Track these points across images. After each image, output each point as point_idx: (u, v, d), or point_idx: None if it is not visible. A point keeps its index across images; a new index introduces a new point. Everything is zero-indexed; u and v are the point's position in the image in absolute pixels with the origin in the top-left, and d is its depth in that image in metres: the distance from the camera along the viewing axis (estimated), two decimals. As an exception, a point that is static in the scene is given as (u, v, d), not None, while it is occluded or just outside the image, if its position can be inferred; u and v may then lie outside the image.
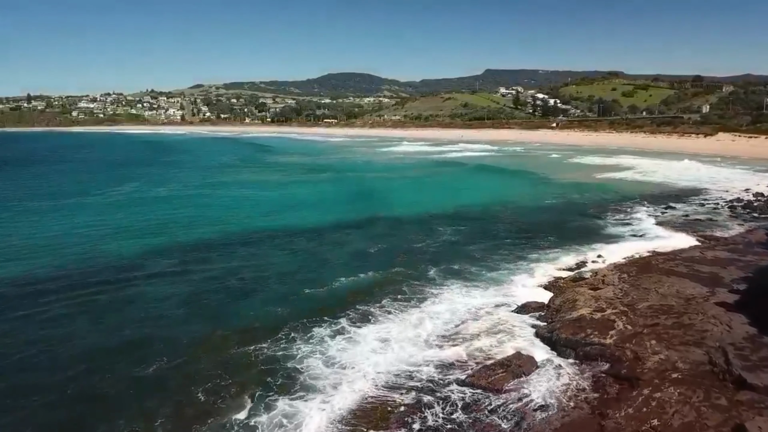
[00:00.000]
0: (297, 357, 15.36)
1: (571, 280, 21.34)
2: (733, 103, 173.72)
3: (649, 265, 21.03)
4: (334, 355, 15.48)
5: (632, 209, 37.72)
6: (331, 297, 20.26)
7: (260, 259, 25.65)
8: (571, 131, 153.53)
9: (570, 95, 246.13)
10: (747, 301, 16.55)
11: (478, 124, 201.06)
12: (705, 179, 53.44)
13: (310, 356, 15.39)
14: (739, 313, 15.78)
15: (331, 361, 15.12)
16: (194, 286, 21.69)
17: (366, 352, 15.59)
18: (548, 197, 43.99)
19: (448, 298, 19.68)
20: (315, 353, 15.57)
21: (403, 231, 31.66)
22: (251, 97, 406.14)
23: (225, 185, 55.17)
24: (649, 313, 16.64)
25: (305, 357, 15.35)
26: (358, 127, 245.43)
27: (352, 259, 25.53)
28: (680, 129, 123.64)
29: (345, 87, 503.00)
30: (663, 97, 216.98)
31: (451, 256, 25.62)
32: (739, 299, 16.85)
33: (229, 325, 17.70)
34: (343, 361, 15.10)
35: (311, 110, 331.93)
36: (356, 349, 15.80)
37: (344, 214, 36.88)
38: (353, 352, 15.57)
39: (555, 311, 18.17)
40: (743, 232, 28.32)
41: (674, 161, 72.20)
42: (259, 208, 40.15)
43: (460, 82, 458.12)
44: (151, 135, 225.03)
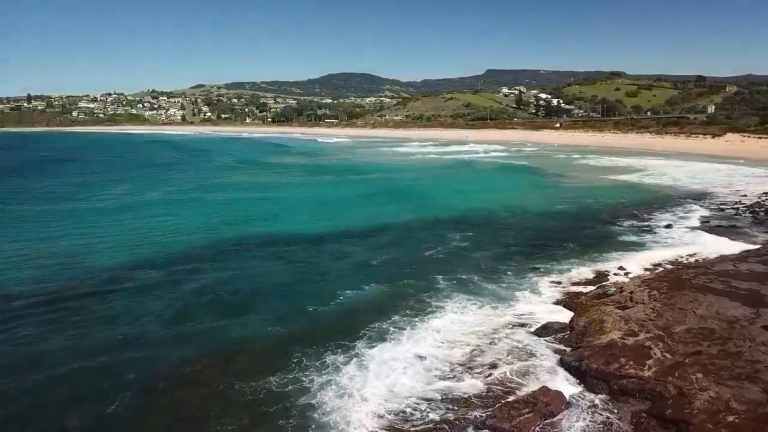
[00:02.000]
0: (310, 390, 13.56)
1: (594, 297, 19.47)
2: (739, 104, 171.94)
3: (681, 281, 19.17)
4: (346, 384, 13.70)
5: (648, 214, 35.89)
6: (336, 314, 18.54)
7: (257, 270, 23.87)
8: (575, 131, 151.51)
9: (573, 95, 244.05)
10: (798, 325, 14.72)
11: (480, 124, 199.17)
12: (719, 181, 51.55)
13: (325, 388, 13.61)
14: (792, 339, 13.96)
15: (343, 392, 13.39)
16: (184, 301, 19.91)
17: (379, 382, 13.82)
18: (559, 201, 42.12)
19: (461, 318, 17.87)
20: (330, 384, 13.75)
21: (410, 238, 29.91)
22: (252, 97, 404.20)
23: (221, 188, 53.20)
24: (689, 338, 14.80)
25: (320, 389, 13.56)
26: (360, 127, 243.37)
27: (357, 270, 23.78)
28: (687, 129, 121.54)
29: (346, 87, 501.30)
30: (667, 98, 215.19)
31: (461, 266, 23.84)
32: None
33: (221, 349, 15.94)
34: (354, 391, 13.38)
35: (312, 110, 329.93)
36: (369, 377, 14.04)
37: (348, 220, 35.04)
38: (365, 382, 13.80)
39: (580, 334, 16.33)
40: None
41: (685, 162, 70.40)
42: (256, 212, 38.29)
43: (462, 82, 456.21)
44: (160, 135, 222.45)
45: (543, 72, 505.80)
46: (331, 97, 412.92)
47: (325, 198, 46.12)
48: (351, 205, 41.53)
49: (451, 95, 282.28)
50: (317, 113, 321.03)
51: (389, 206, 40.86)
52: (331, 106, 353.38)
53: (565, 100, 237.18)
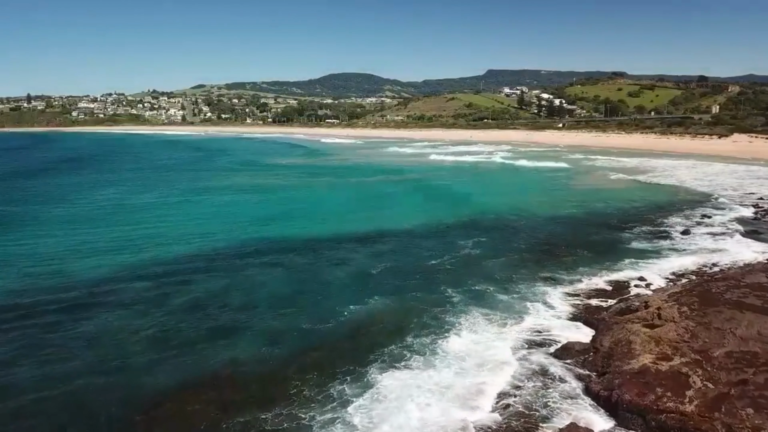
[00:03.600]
0: (311, 429, 11.81)
1: (617, 313, 17.87)
2: (743, 104, 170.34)
3: (711, 295, 17.55)
4: (355, 424, 11.93)
5: (663, 218, 34.29)
6: (340, 333, 16.83)
7: (251, 280, 22.22)
8: (579, 132, 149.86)
9: (575, 95, 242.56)
10: None
11: (482, 124, 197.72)
12: (732, 183, 50.01)
13: (329, 428, 11.86)
14: None
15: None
16: (170, 317, 18.27)
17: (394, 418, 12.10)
18: (568, 204, 40.51)
19: (478, 338, 16.12)
20: (336, 423, 11.99)
21: (415, 245, 28.26)
22: (253, 98, 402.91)
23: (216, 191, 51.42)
24: (731, 364, 13.19)
25: (322, 428, 11.84)
26: (360, 127, 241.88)
27: (361, 280, 22.15)
28: (692, 130, 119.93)
29: (347, 87, 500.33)
30: (670, 98, 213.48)
31: (471, 276, 22.25)
32: (841, 346, 13.42)
33: (208, 375, 14.30)
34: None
35: (313, 110, 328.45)
36: (381, 413, 12.28)
37: (350, 224, 33.42)
38: (378, 419, 12.08)
39: (606, 357, 14.73)
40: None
41: (694, 163, 68.86)
42: (252, 217, 36.50)
43: (462, 82, 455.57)
44: (160, 136, 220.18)
45: (544, 72, 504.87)
46: (331, 97, 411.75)
47: (324, 201, 44.47)
48: (354, 209, 39.91)
49: (453, 95, 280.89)
50: (318, 113, 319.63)
51: (394, 210, 39.36)
52: (331, 106, 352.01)
53: (568, 101, 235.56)
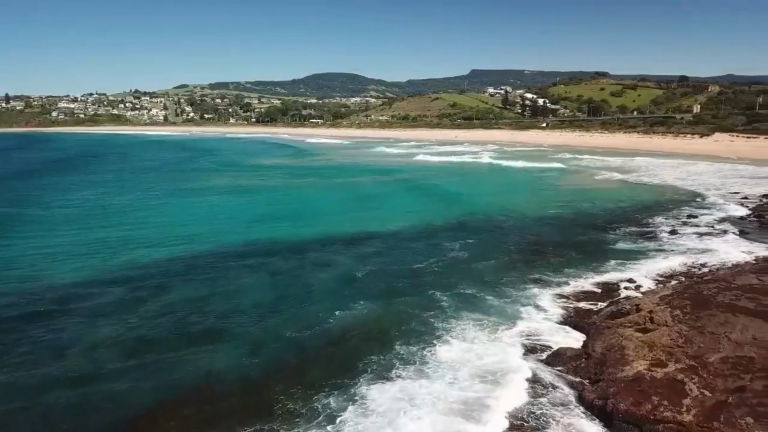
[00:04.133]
0: None
1: (608, 317, 17.48)
2: (723, 103, 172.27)
3: (703, 298, 17.25)
4: None
5: (649, 218, 34.15)
6: (326, 341, 16.20)
7: (233, 286, 21.51)
8: (563, 131, 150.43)
9: (558, 95, 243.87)
10: None
11: (467, 124, 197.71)
12: (716, 182, 50.17)
13: None
14: None
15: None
16: (146, 326, 17.54)
17: None
18: (555, 204, 40.21)
19: (466, 346, 15.56)
20: None
21: (403, 246, 27.73)
22: (236, 98, 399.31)
23: (198, 192, 50.33)
24: (727, 370, 12.85)
25: None
26: (345, 127, 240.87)
27: (347, 284, 21.57)
28: (675, 129, 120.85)
29: (331, 87, 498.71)
30: (652, 98, 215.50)
31: (459, 278, 21.83)
32: (838, 350, 13.14)
33: (186, 388, 13.67)
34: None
35: (297, 110, 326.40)
36: (369, 426, 11.75)
37: (335, 226, 32.81)
38: None
39: (599, 363, 14.33)
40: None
41: (678, 162, 69.19)
42: (233, 219, 35.77)
43: (446, 82, 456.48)
44: (142, 136, 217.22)
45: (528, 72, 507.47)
46: (316, 97, 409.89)
47: (309, 202, 43.75)
48: (339, 210, 39.28)
49: (437, 95, 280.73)
50: (302, 113, 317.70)
51: (380, 211, 38.82)
52: (316, 106, 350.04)
53: (551, 100, 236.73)
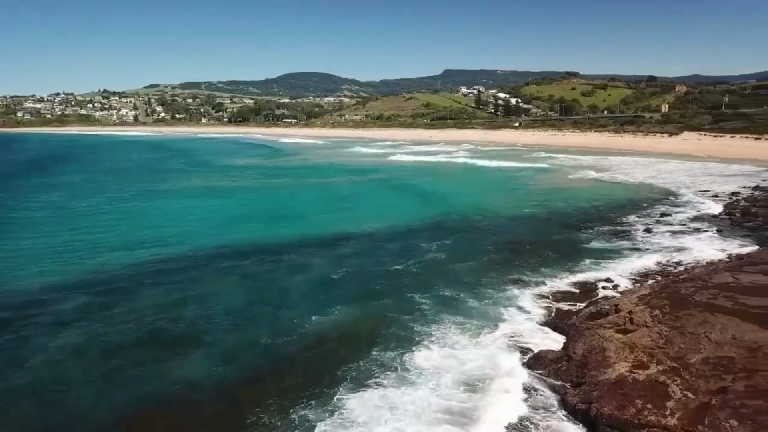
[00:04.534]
0: None
1: (588, 318, 17.36)
2: (691, 103, 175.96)
3: (681, 297, 17.26)
4: None
5: (623, 217, 34.38)
6: (302, 348, 15.70)
7: (204, 290, 20.87)
8: (535, 131, 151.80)
9: (531, 95, 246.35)
10: (828, 352, 12.90)
11: (441, 124, 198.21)
12: (686, 181, 50.94)
13: None
14: (827, 371, 12.09)
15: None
16: (113, 334, 16.84)
17: None
18: (530, 204, 40.30)
19: (447, 352, 15.19)
20: None
21: (379, 248, 27.35)
22: (208, 97, 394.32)
23: (168, 194, 49.14)
24: (709, 371, 12.78)
25: None
26: (319, 127, 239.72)
27: (323, 287, 21.07)
28: (644, 128, 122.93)
29: (304, 87, 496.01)
30: (622, 97, 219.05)
31: (437, 280, 21.53)
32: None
33: (155, 400, 13.10)
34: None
35: (270, 110, 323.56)
36: None
37: (310, 227, 32.33)
38: None
39: (580, 366, 14.16)
40: (763, 247, 25.07)
41: (648, 161, 70.27)
42: (205, 221, 34.90)
43: (420, 81, 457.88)
44: (121, 136, 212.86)
45: (500, 72, 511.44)
46: (289, 96, 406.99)
47: (284, 203, 43.04)
48: (314, 211, 38.70)
49: (411, 95, 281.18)
50: (275, 113, 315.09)
51: (356, 211, 38.40)
52: (289, 105, 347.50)
53: (524, 100, 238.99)
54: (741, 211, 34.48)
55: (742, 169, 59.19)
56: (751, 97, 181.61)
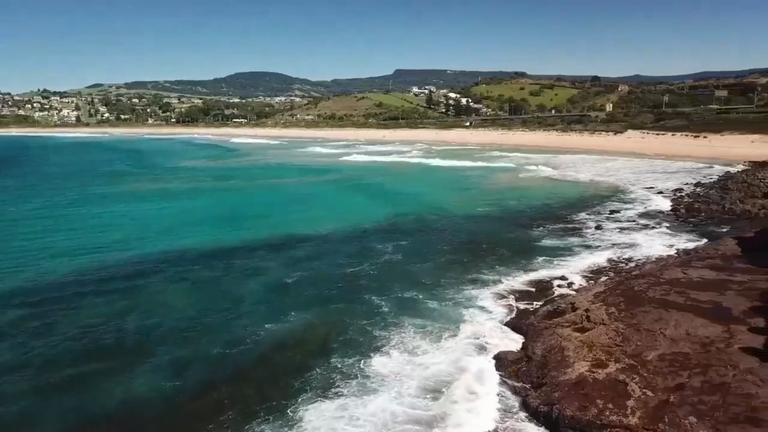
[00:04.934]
0: None
1: (546, 317, 17.37)
2: (633, 102, 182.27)
3: (635, 294, 17.47)
4: None
5: (574, 215, 34.97)
6: (257, 357, 15.06)
7: (151, 299, 19.92)
8: (486, 130, 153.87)
9: (480, 95, 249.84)
10: (777, 345, 13.21)
11: (393, 124, 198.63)
12: (632, 178, 52.45)
13: None
14: (777, 363, 12.36)
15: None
16: (53, 348, 15.81)
17: None
18: (484, 203, 40.56)
19: (406, 358, 14.73)
20: None
21: (334, 250, 26.82)
22: (155, 97, 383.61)
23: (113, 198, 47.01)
24: (665, 368, 12.87)
25: None
26: (270, 127, 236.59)
27: (277, 294, 20.39)
28: (591, 127, 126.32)
29: (254, 86, 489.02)
30: (568, 97, 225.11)
31: (395, 282, 21.21)
32: (765, 342, 13.48)
33: (97, 418, 12.25)
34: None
35: (219, 110, 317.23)
36: None
37: (261, 230, 31.46)
38: None
39: (540, 366, 14.07)
40: (708, 242, 25.82)
41: (596, 159, 72.17)
42: (152, 226, 33.38)
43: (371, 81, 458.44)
44: (63, 138, 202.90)
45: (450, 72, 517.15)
46: (238, 96, 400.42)
47: (234, 206, 41.83)
48: (266, 213, 37.84)
49: (363, 95, 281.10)
50: (225, 113, 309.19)
51: (309, 213, 37.78)
52: (239, 105, 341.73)
53: (474, 100, 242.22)
54: (685, 207, 35.61)
55: (683, 166, 61.44)
56: (688, 97, 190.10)
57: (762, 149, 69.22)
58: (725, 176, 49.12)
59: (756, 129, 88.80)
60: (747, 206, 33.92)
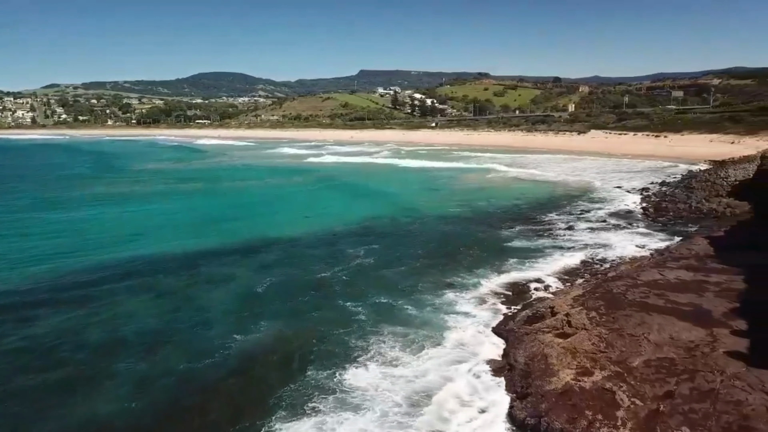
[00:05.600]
0: None
1: (525, 321, 16.96)
2: (595, 102, 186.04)
3: (615, 297, 17.23)
4: None
5: (543, 215, 34.89)
6: (226, 373, 14.10)
7: (112, 312, 18.69)
8: (452, 131, 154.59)
9: (446, 95, 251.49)
10: (760, 348, 13.06)
11: (360, 124, 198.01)
12: (599, 177, 52.96)
13: None
14: (764, 367, 12.17)
15: None
16: (2, 369, 14.60)
17: None
18: (454, 203, 40.23)
19: (390, 372, 14.00)
20: None
21: (303, 255, 25.92)
22: (114, 98, 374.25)
23: (70, 203, 44.99)
24: (652, 375, 12.57)
25: None
26: (234, 128, 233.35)
27: (246, 302, 19.40)
28: (555, 127, 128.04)
29: (217, 87, 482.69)
30: (531, 97, 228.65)
31: (369, 287, 20.50)
32: (749, 345, 13.34)
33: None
34: None
35: (182, 111, 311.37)
36: None
37: (227, 235, 30.40)
38: None
39: (524, 375, 13.61)
40: (680, 241, 25.94)
41: (563, 159, 72.86)
42: (111, 233, 31.68)
43: (336, 82, 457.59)
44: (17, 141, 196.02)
45: (414, 73, 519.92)
46: (201, 97, 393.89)
47: (199, 210, 40.48)
48: (233, 217, 36.66)
49: (329, 95, 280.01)
50: (187, 114, 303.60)
51: (278, 216, 36.84)
52: (201, 106, 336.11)
53: (439, 100, 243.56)
54: (654, 207, 35.94)
55: (648, 165, 62.48)
56: (646, 97, 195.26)
57: (720, 148, 71.07)
58: (689, 175, 49.95)
59: (713, 129, 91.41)
60: (713, 205, 34.39)
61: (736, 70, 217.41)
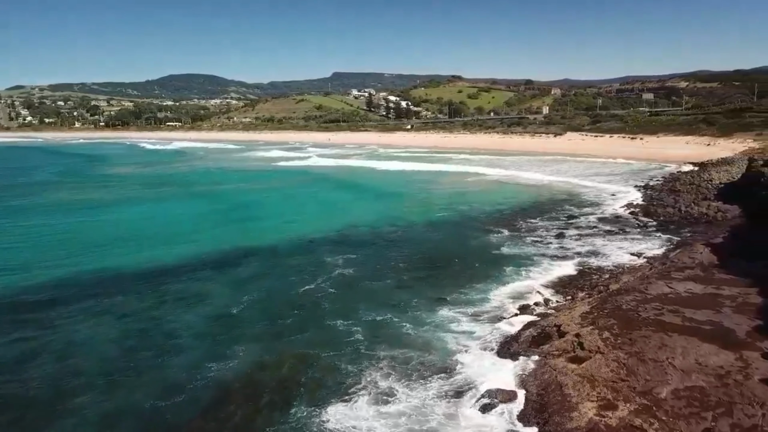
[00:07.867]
0: None
1: (531, 343, 15.48)
2: (568, 105, 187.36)
3: (626, 314, 15.83)
4: None
5: (531, 221, 33.60)
6: (198, 410, 12.49)
7: (65, 339, 16.57)
8: (428, 133, 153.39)
9: (420, 97, 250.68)
10: (798, 374, 11.75)
11: (335, 126, 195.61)
12: (582, 181, 51.94)
13: None
14: (808, 399, 10.84)
15: None
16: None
17: None
18: (436, 209, 38.74)
19: (386, 408, 12.36)
20: None
21: (282, 265, 24.17)
22: (82, 100, 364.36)
23: (27, 210, 42.10)
24: (684, 408, 11.14)
25: None
26: (206, 130, 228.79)
27: (219, 325, 17.55)
28: (530, 129, 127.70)
29: (188, 89, 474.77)
30: (505, 99, 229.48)
31: (359, 302, 18.99)
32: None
33: None
34: None
35: (152, 113, 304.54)
36: None
37: (199, 246, 28.37)
38: None
39: (539, 409, 12.13)
40: (679, 249, 24.78)
41: (543, 162, 71.92)
42: (72, 244, 29.23)
43: (309, 84, 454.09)
44: None
45: (387, 75, 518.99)
46: (172, 99, 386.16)
47: (169, 218, 38.25)
48: (206, 226, 34.52)
49: (302, 97, 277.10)
50: (157, 116, 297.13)
51: (254, 224, 34.90)
52: (172, 108, 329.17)
53: (413, 103, 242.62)
54: (643, 211, 35.02)
55: (629, 168, 61.96)
56: (617, 99, 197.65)
57: (697, 150, 71.25)
58: (671, 178, 49.41)
59: (688, 131, 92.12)
60: (702, 209, 33.50)
61: (701, 74, 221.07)
